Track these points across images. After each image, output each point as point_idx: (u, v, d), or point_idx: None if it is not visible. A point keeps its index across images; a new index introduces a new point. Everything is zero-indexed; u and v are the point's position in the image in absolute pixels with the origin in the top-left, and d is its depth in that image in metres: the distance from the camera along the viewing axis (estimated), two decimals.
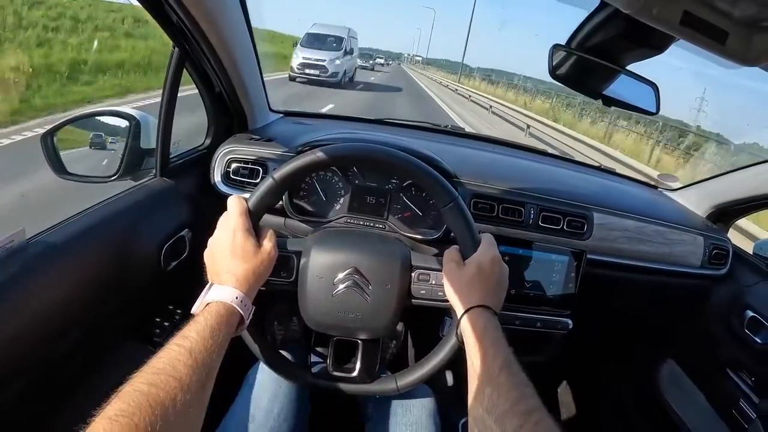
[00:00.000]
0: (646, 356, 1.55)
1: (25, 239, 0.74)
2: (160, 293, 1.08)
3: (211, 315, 0.63)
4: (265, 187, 0.79)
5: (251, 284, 0.71)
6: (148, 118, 1.09)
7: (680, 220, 1.30)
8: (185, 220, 1.08)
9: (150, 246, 0.97)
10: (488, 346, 0.66)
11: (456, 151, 1.37)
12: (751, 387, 1.18)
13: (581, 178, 1.46)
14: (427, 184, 0.82)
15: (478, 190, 1.12)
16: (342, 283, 0.82)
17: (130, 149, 1.05)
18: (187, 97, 1.19)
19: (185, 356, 0.55)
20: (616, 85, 0.80)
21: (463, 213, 0.81)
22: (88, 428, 0.45)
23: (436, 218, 1.08)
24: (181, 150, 1.19)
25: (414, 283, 0.85)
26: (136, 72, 9.02)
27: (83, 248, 0.84)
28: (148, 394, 0.49)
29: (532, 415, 0.54)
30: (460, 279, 0.77)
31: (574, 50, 0.76)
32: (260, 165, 1.12)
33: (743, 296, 1.25)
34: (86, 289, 0.83)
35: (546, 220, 1.13)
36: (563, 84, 0.80)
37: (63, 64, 7.71)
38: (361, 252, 0.84)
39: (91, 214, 0.89)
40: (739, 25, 0.50)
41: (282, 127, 1.42)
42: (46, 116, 5.40)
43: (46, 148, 1.01)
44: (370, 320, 0.84)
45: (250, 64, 1.15)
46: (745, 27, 0.50)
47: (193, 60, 1.03)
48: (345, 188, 1.09)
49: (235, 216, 0.74)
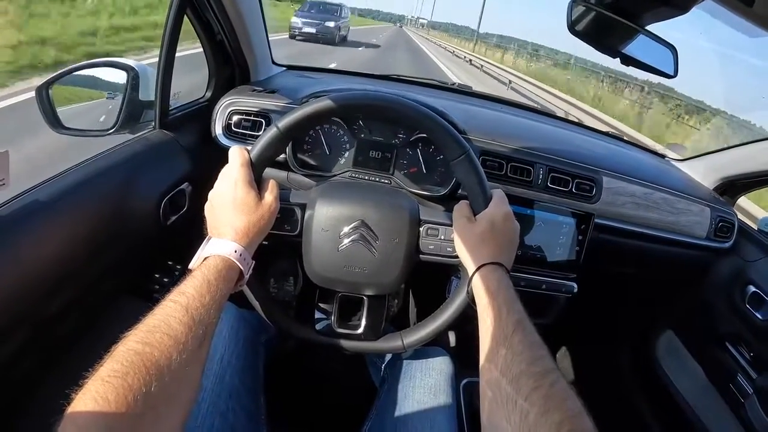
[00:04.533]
0: (645, 326, 1.55)
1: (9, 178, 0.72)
2: (159, 248, 1.06)
3: (209, 269, 0.61)
4: (268, 136, 0.75)
5: (251, 238, 0.68)
6: (146, 69, 1.05)
7: (688, 189, 1.28)
8: (185, 174, 1.05)
9: (149, 199, 0.95)
10: (502, 305, 0.64)
11: (464, 107, 1.34)
12: (749, 362, 1.18)
13: (590, 141, 1.43)
14: (438, 135, 0.80)
15: (487, 147, 1.09)
16: (348, 237, 0.80)
17: (128, 101, 1.01)
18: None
19: (181, 313, 0.53)
20: (635, 45, 0.77)
21: (475, 166, 0.78)
22: (81, 390, 0.43)
23: (443, 174, 1.06)
24: (181, 102, 1.16)
25: (423, 238, 0.83)
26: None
27: (79, 202, 0.81)
28: (142, 354, 0.47)
29: (547, 377, 0.53)
30: (471, 235, 0.75)
31: (593, 5, 0.73)
32: (263, 117, 1.08)
33: (746, 271, 1.24)
34: (83, 245, 0.80)
35: (555, 181, 1.11)
36: (581, 39, 0.76)
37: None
38: (368, 205, 0.82)
39: (87, 166, 0.87)
40: None
41: (285, 79, 1.39)
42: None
43: (41, 101, 0.96)
44: (376, 275, 0.82)
45: (254, 12, 1.11)
46: None
47: (195, 5, 0.99)
48: (350, 142, 1.06)
49: (237, 167, 0.72)
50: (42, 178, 0.79)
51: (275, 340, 1.03)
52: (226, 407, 0.78)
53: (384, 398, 0.94)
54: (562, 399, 0.50)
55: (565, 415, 0.48)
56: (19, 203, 0.72)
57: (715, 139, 9.43)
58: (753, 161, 1.32)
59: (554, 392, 0.51)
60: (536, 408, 0.49)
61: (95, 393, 0.42)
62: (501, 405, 0.53)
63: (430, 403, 0.89)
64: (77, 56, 5.84)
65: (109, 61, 1.06)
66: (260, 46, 1.22)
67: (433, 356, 0.98)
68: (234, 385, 0.82)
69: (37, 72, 4.79)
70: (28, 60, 5.14)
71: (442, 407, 0.89)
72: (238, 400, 0.81)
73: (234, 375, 0.84)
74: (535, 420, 0.48)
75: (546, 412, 0.49)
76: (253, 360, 0.92)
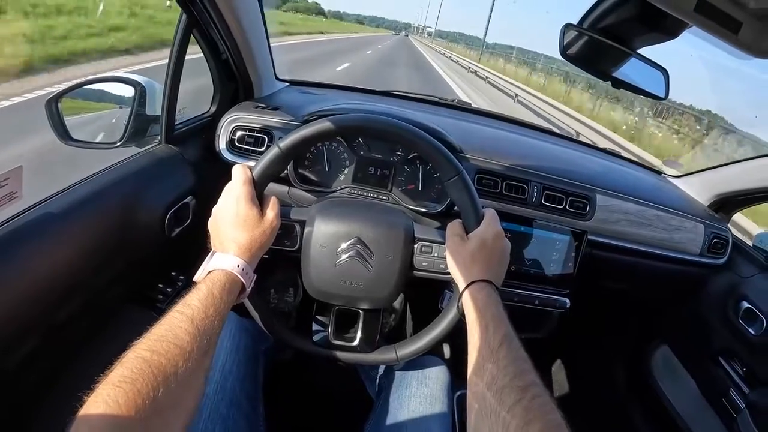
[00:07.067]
0: (639, 340, 1.56)
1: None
2: (163, 259, 1.09)
3: (213, 283, 0.64)
4: (270, 156, 0.78)
5: (253, 253, 0.71)
6: (153, 84, 1.08)
7: (682, 206, 1.30)
8: (189, 187, 1.08)
9: (154, 212, 0.98)
10: (489, 321, 0.67)
11: (461, 125, 1.36)
12: (742, 377, 1.19)
13: (585, 158, 1.45)
14: (433, 156, 0.82)
15: (483, 165, 1.12)
16: (345, 253, 0.83)
17: (135, 115, 1.05)
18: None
19: (187, 323, 0.56)
20: (626, 68, 0.80)
21: (468, 187, 0.81)
22: (92, 395, 0.45)
23: (440, 192, 1.09)
24: (186, 117, 1.19)
25: (416, 255, 0.86)
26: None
27: (88, 214, 0.84)
28: (150, 361, 0.49)
29: (529, 390, 0.55)
30: (462, 252, 0.78)
31: (586, 30, 0.75)
32: (265, 133, 1.11)
33: (740, 287, 1.25)
34: (91, 255, 0.84)
35: (549, 198, 1.13)
36: (573, 64, 0.79)
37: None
38: (364, 222, 0.84)
39: (97, 180, 0.90)
40: (753, 16, 0.50)
41: (288, 95, 1.41)
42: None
43: (50, 113, 1.00)
44: (371, 290, 0.85)
45: (258, 31, 1.14)
46: (758, 19, 0.50)
47: (201, 26, 1.03)
48: (350, 159, 1.09)
49: (239, 184, 0.75)
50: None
51: (274, 348, 1.05)
52: (227, 414, 0.80)
53: (381, 407, 0.95)
54: (543, 411, 0.53)
55: (544, 426, 0.51)
56: (31, 215, 0.75)
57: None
58: (748, 178, 1.33)
59: (535, 405, 0.53)
60: (517, 419, 0.52)
61: (106, 396, 0.45)
62: (485, 417, 0.56)
63: (427, 412, 0.91)
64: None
65: (117, 77, 1.10)
66: (264, 62, 1.25)
67: (428, 366, 1.00)
68: (234, 393, 0.84)
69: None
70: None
71: (438, 415, 0.91)
72: (239, 407, 0.83)
73: (235, 383, 0.86)
74: (516, 431, 0.51)
75: (527, 423, 0.51)
76: (253, 368, 0.94)
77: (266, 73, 1.31)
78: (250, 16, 1.06)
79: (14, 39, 6.07)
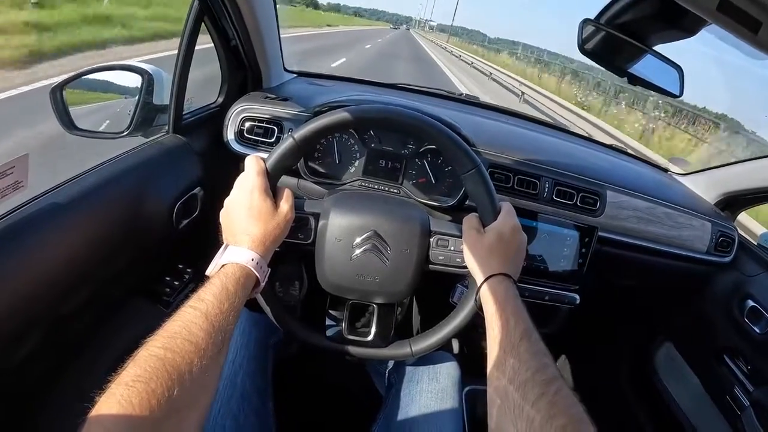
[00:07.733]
0: (644, 337, 1.57)
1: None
2: (170, 252, 1.08)
3: (227, 277, 0.62)
4: (284, 147, 0.77)
5: (267, 246, 0.69)
6: (161, 73, 1.06)
7: (690, 204, 1.30)
8: (197, 178, 1.07)
9: (162, 204, 0.96)
10: (510, 315, 0.66)
11: (471, 119, 1.35)
12: (746, 375, 1.19)
13: (595, 155, 1.45)
14: (450, 149, 0.81)
15: (494, 159, 1.11)
16: (360, 247, 0.82)
17: (142, 104, 1.03)
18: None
19: (201, 319, 0.54)
20: (642, 65, 0.79)
21: (485, 180, 0.80)
22: (104, 395, 0.44)
23: (451, 185, 1.08)
24: (194, 107, 1.17)
25: (432, 248, 0.85)
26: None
27: (94, 205, 0.83)
28: (164, 359, 0.48)
29: (552, 384, 0.55)
30: (480, 246, 0.77)
31: (603, 26, 0.75)
32: (275, 124, 1.10)
33: (745, 286, 1.25)
34: (97, 246, 0.82)
35: (560, 194, 1.13)
36: (590, 58, 0.78)
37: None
38: (380, 215, 0.83)
39: (104, 170, 0.88)
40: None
41: (297, 86, 1.40)
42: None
43: (55, 102, 0.97)
44: (387, 284, 0.84)
45: (270, 19, 1.13)
46: None
47: (212, 12, 1.01)
48: (360, 151, 1.08)
49: (253, 176, 0.73)
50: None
51: (282, 342, 1.05)
52: (238, 409, 0.80)
53: (391, 403, 0.95)
54: (566, 405, 0.53)
55: (569, 420, 0.50)
56: (37, 205, 0.74)
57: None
58: (755, 177, 1.33)
59: (559, 399, 0.53)
60: (542, 414, 0.52)
61: (120, 397, 0.43)
62: (508, 412, 0.55)
63: (438, 408, 0.90)
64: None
65: (125, 65, 1.07)
66: (273, 52, 1.24)
67: (439, 361, 1.00)
68: (245, 388, 0.84)
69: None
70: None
71: (449, 411, 0.90)
72: (249, 403, 0.83)
73: (245, 378, 0.85)
74: (541, 425, 0.51)
75: (551, 417, 0.51)
76: (263, 363, 0.93)
77: (275, 63, 1.29)
78: (263, 4, 1.05)
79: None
